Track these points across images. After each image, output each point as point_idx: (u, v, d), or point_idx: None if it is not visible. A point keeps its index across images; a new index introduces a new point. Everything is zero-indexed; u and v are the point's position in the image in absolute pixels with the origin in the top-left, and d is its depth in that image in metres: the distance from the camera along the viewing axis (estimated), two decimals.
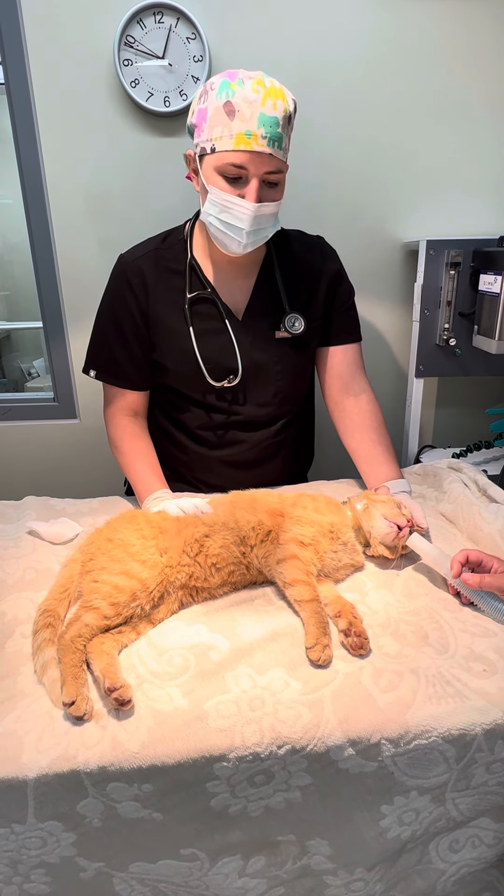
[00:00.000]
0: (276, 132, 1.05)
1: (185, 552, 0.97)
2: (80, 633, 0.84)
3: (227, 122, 1.03)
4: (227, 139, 1.04)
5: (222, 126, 1.04)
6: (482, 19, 1.55)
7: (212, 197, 1.10)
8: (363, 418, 1.32)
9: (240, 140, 1.03)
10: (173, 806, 0.76)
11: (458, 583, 0.94)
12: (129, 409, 1.33)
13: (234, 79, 1.04)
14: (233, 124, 1.03)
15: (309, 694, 0.80)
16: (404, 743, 0.77)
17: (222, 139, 1.04)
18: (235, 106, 1.02)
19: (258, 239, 1.15)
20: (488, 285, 1.48)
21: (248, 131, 1.03)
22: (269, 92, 1.03)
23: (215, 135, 1.05)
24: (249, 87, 1.02)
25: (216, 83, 1.05)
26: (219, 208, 1.10)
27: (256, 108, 1.02)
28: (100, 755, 0.73)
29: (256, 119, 1.02)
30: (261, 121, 1.03)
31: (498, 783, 0.81)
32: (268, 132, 1.04)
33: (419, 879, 0.88)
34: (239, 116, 1.02)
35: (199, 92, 1.08)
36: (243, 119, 1.02)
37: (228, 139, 1.04)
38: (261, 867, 0.83)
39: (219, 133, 1.04)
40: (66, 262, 1.70)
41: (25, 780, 0.72)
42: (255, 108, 1.02)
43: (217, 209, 1.10)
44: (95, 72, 1.53)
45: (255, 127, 1.03)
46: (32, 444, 1.91)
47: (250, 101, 1.02)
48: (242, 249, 1.15)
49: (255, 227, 1.11)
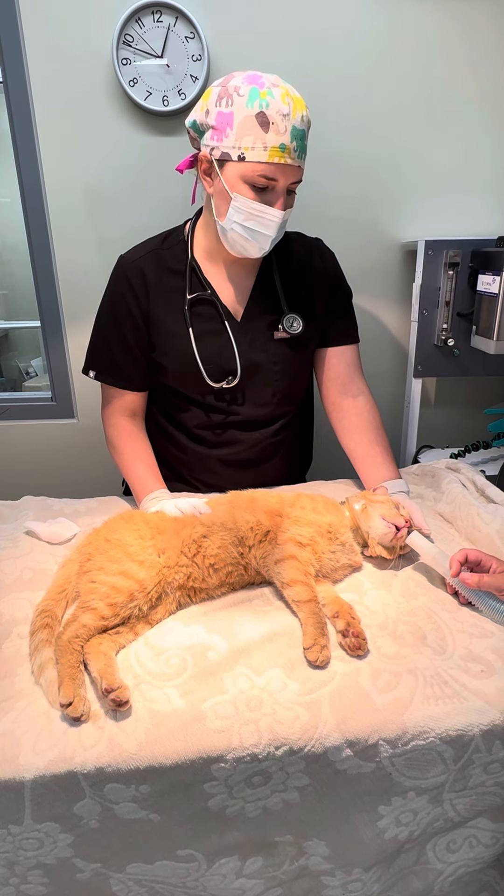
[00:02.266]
0: (303, 144, 1.08)
1: (184, 553, 0.97)
2: (78, 633, 0.84)
3: (260, 134, 1.03)
4: (261, 151, 1.04)
5: (254, 136, 1.03)
6: (481, 19, 1.55)
7: (237, 205, 1.10)
8: (361, 419, 1.32)
9: (274, 153, 1.04)
10: (171, 807, 0.76)
11: (457, 582, 0.94)
12: (128, 409, 1.33)
13: (263, 87, 1.02)
14: (267, 137, 1.03)
15: (307, 695, 0.80)
16: (402, 744, 0.77)
17: (254, 150, 1.04)
18: (270, 118, 1.02)
19: (275, 243, 1.17)
20: (487, 285, 1.48)
21: (283, 145, 1.04)
22: (296, 104, 1.05)
23: (246, 144, 1.04)
24: (279, 98, 1.02)
25: (243, 90, 1.02)
26: (244, 216, 1.11)
27: (289, 122, 1.03)
28: (97, 756, 0.73)
29: (290, 133, 1.04)
30: (293, 134, 1.04)
31: (495, 784, 0.81)
32: (298, 145, 1.06)
33: (417, 880, 0.88)
34: (273, 129, 1.03)
35: (218, 93, 1.05)
36: (278, 133, 1.03)
37: (262, 151, 1.04)
38: (258, 868, 0.83)
39: (250, 143, 1.04)
40: (64, 262, 1.69)
41: (22, 781, 0.72)
42: (288, 122, 1.03)
43: (243, 216, 1.11)
44: (94, 71, 1.53)
45: (289, 141, 1.04)
46: (30, 443, 1.90)
47: (284, 114, 1.02)
48: (261, 254, 1.17)
49: (278, 234, 1.14)
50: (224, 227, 1.14)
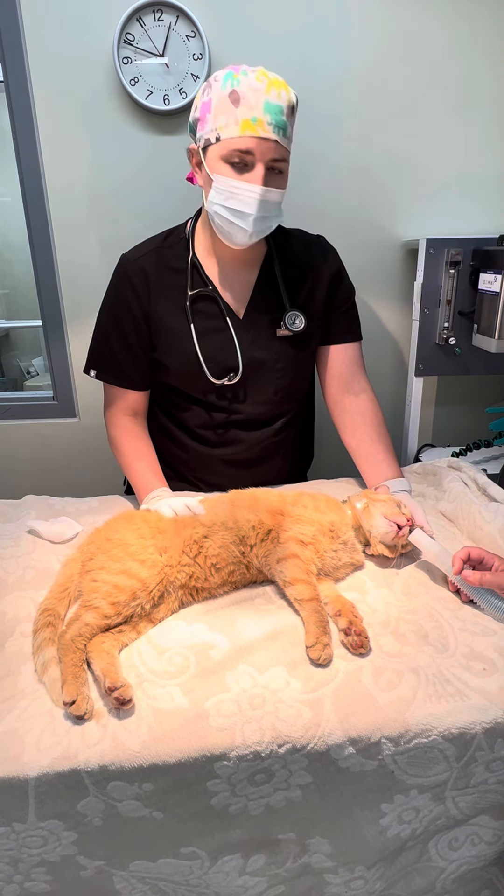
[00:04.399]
0: (281, 119, 1.05)
1: (185, 552, 0.97)
2: (81, 632, 0.85)
3: (232, 110, 1.04)
4: (233, 126, 1.04)
5: (227, 114, 1.04)
6: (482, 19, 1.55)
7: (217, 185, 1.10)
8: (363, 417, 1.32)
9: (245, 126, 1.04)
10: (174, 805, 0.76)
11: (459, 580, 0.95)
12: (130, 408, 1.33)
13: (238, 70, 1.05)
14: (238, 111, 1.03)
15: (309, 693, 0.80)
16: (404, 742, 0.77)
17: (227, 127, 1.05)
18: (241, 94, 1.03)
19: (263, 228, 1.14)
20: (488, 284, 1.48)
21: (254, 117, 1.03)
22: (273, 82, 1.04)
23: (220, 123, 1.05)
24: (253, 77, 1.04)
25: (220, 75, 1.06)
26: (225, 195, 1.10)
27: (262, 96, 1.03)
28: (100, 754, 0.73)
29: (262, 106, 1.03)
30: (266, 108, 1.03)
31: (498, 781, 0.81)
32: (273, 119, 1.04)
33: (419, 877, 0.89)
34: (244, 103, 1.03)
35: (202, 87, 1.09)
36: (249, 106, 1.03)
37: (234, 126, 1.04)
38: (261, 865, 0.84)
39: (224, 121, 1.05)
40: (66, 261, 1.69)
41: (26, 779, 0.72)
42: (260, 96, 1.03)
43: (223, 196, 1.10)
44: (95, 70, 1.53)
45: (261, 113, 1.03)
46: (32, 443, 1.91)
47: (255, 88, 1.03)
48: (248, 239, 1.14)
49: (261, 214, 1.11)
50: (209, 211, 1.14)
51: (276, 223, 1.17)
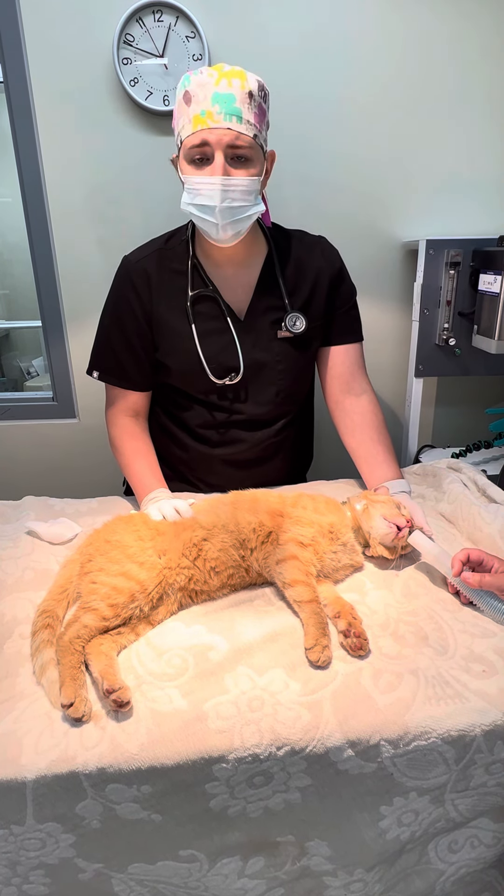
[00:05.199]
0: (233, 107, 1.04)
1: (184, 555, 0.97)
2: (79, 634, 0.84)
3: (185, 111, 1.06)
4: (188, 125, 1.06)
5: (183, 116, 1.06)
6: (484, 19, 1.55)
7: (186, 186, 1.12)
8: (364, 418, 1.32)
9: (197, 121, 1.05)
10: (172, 807, 0.76)
11: (459, 581, 0.94)
12: (131, 409, 1.33)
13: (193, 71, 1.06)
14: (190, 109, 1.05)
15: (308, 695, 0.80)
16: (404, 744, 0.77)
17: (184, 127, 1.07)
18: (191, 93, 1.04)
19: (237, 219, 1.11)
20: (488, 285, 1.48)
21: (203, 111, 1.04)
22: (226, 74, 1.04)
23: (179, 126, 1.08)
24: (206, 73, 1.05)
25: (180, 82, 1.07)
26: (193, 194, 1.11)
27: (210, 89, 1.03)
28: (99, 756, 0.73)
29: (210, 98, 1.04)
30: (214, 99, 1.04)
31: (497, 784, 0.81)
32: (223, 108, 1.04)
33: (418, 880, 0.88)
34: (194, 101, 1.04)
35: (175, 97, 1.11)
36: (198, 102, 1.04)
37: (188, 125, 1.06)
38: (260, 868, 0.83)
39: (182, 123, 1.07)
40: (66, 261, 1.69)
41: (24, 782, 0.72)
42: (208, 90, 1.03)
43: (191, 196, 1.11)
44: (94, 70, 1.53)
45: (210, 105, 1.04)
46: (31, 443, 1.90)
47: (203, 83, 1.04)
48: (222, 232, 1.12)
49: (227, 204, 1.09)
50: (185, 212, 1.15)
51: (252, 212, 1.12)
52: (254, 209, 1.13)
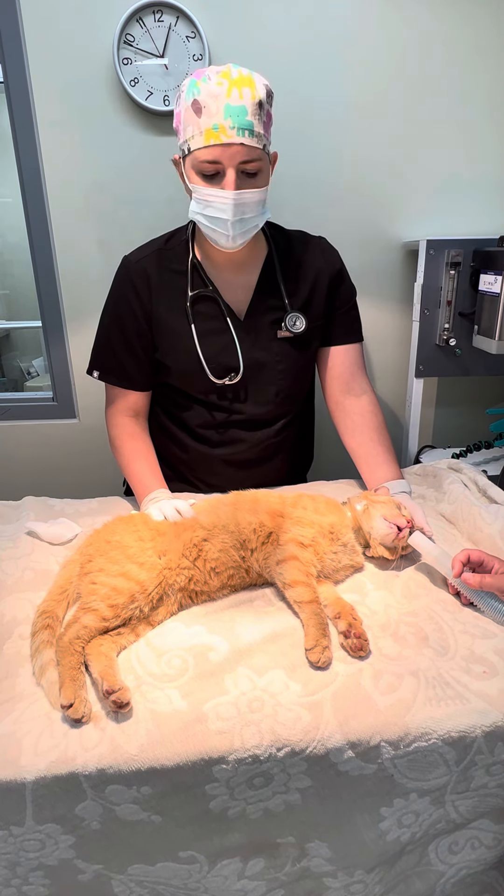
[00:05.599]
0: (245, 120, 1.04)
1: (185, 556, 0.96)
2: (79, 634, 0.84)
3: (195, 121, 1.04)
4: (198, 137, 1.05)
5: (193, 125, 1.05)
6: (483, 19, 1.54)
7: (195, 196, 1.12)
8: (364, 419, 1.32)
9: (209, 135, 1.04)
10: (172, 808, 0.76)
11: (459, 582, 0.94)
12: (131, 409, 1.33)
13: (201, 76, 1.04)
14: (201, 121, 1.04)
15: (308, 696, 0.80)
16: (404, 745, 0.76)
17: (194, 138, 1.06)
18: (202, 103, 1.03)
19: (247, 230, 1.14)
20: (488, 285, 1.48)
21: (216, 125, 1.03)
22: (235, 82, 1.03)
23: (188, 135, 1.06)
24: (215, 81, 1.03)
25: (185, 84, 1.06)
26: (202, 205, 1.11)
27: (222, 101, 1.02)
28: (98, 757, 0.73)
29: (222, 111, 1.03)
30: (227, 112, 1.03)
31: (498, 785, 0.81)
32: (235, 122, 1.03)
33: (419, 881, 0.88)
34: (206, 113, 1.03)
35: (176, 96, 1.10)
36: (209, 114, 1.03)
37: (199, 137, 1.05)
38: (260, 869, 0.83)
39: (191, 132, 1.06)
40: (66, 261, 1.69)
41: (24, 783, 0.72)
42: (220, 102, 1.02)
43: (201, 206, 1.12)
44: (95, 70, 1.53)
45: (222, 119, 1.03)
46: (31, 443, 1.90)
47: (215, 94, 1.02)
48: (232, 242, 1.14)
49: (238, 217, 1.10)
50: (193, 220, 1.15)
51: (261, 221, 1.16)
52: (262, 218, 1.16)
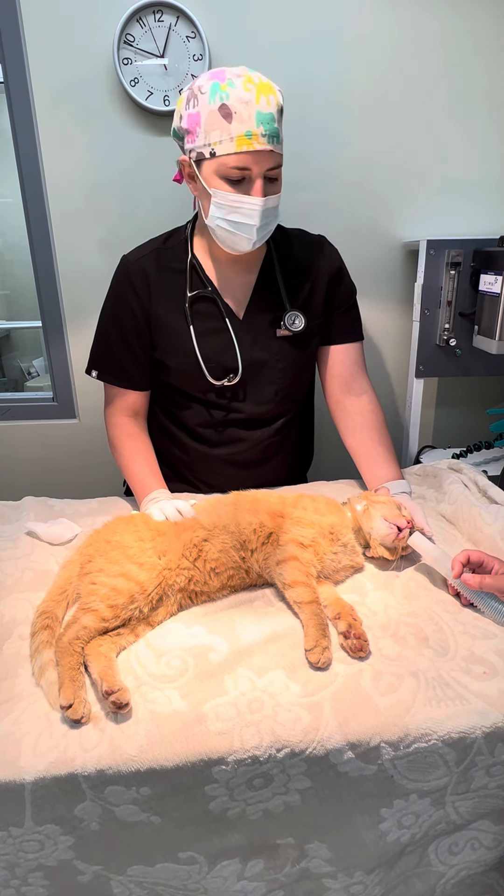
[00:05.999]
0: (274, 128, 1.05)
1: (185, 556, 0.96)
2: (78, 635, 0.84)
3: (224, 126, 1.03)
4: (228, 142, 1.04)
5: (220, 130, 1.03)
6: (483, 19, 1.54)
7: (217, 200, 1.10)
8: (364, 418, 1.32)
9: (241, 142, 1.03)
10: (172, 809, 0.76)
11: (459, 583, 0.94)
12: (130, 409, 1.33)
13: (224, 79, 1.03)
14: (232, 127, 1.02)
15: (308, 696, 0.79)
16: (404, 746, 0.76)
17: (222, 143, 1.04)
18: (232, 108, 1.02)
19: (265, 234, 1.16)
20: (489, 285, 1.47)
21: (249, 132, 1.03)
22: (261, 88, 1.03)
23: (213, 139, 1.04)
24: (241, 86, 1.02)
25: (205, 86, 1.03)
26: (226, 210, 1.10)
27: (252, 108, 1.02)
28: (98, 758, 0.73)
29: (254, 118, 1.02)
30: (258, 119, 1.03)
31: (498, 786, 0.81)
32: (266, 129, 1.04)
33: (418, 882, 0.88)
34: (237, 118, 1.02)
35: (186, 96, 1.07)
36: (241, 120, 1.02)
37: (229, 142, 1.03)
38: (259, 870, 0.83)
39: (217, 137, 1.04)
40: (66, 262, 1.69)
41: (23, 783, 0.71)
42: (251, 108, 1.02)
43: (224, 211, 1.11)
44: (95, 70, 1.53)
45: (255, 126, 1.02)
46: (31, 444, 1.90)
47: (245, 100, 1.02)
48: (252, 246, 1.15)
49: (264, 222, 1.12)
50: (210, 225, 1.14)
51: (274, 225, 1.18)
52: (276, 221, 1.18)
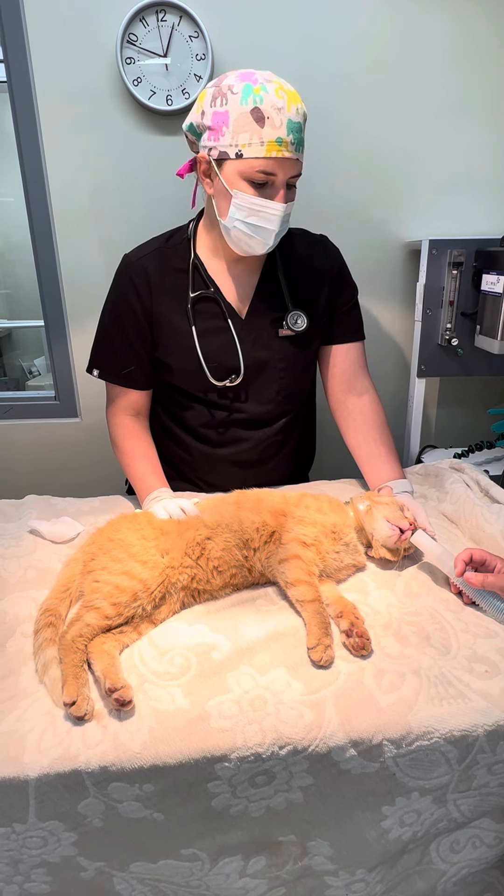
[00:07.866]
0: (300, 136, 1.08)
1: (187, 554, 0.97)
2: (82, 632, 0.84)
3: (256, 129, 1.03)
4: (258, 146, 1.04)
5: (251, 133, 1.04)
6: (485, 19, 1.54)
7: (238, 202, 1.10)
8: (366, 418, 1.32)
9: (271, 148, 1.04)
10: (174, 806, 0.76)
11: (461, 581, 0.94)
12: (132, 408, 1.33)
13: (256, 83, 1.03)
14: (263, 132, 1.03)
15: (311, 694, 0.80)
16: (406, 744, 0.76)
17: (251, 146, 1.04)
18: (265, 113, 1.02)
19: (279, 239, 1.17)
20: (490, 285, 1.47)
21: (280, 139, 1.04)
22: (290, 97, 1.05)
23: (242, 141, 1.04)
24: (273, 92, 1.03)
25: (236, 87, 1.03)
26: (246, 212, 1.11)
27: (284, 115, 1.03)
28: (101, 755, 0.73)
29: (286, 126, 1.04)
30: (289, 127, 1.04)
31: (499, 784, 0.81)
32: (295, 137, 1.06)
33: (420, 880, 0.88)
34: (269, 124, 1.03)
35: (212, 94, 1.06)
36: (274, 127, 1.03)
37: (259, 146, 1.04)
38: (261, 867, 0.83)
39: (247, 139, 1.04)
40: (68, 261, 1.69)
41: (27, 780, 0.72)
42: (283, 116, 1.03)
43: (244, 213, 1.11)
44: (98, 70, 1.53)
45: (285, 134, 1.04)
46: (34, 442, 1.91)
47: (279, 108, 1.03)
48: (265, 250, 1.17)
49: (281, 228, 1.14)
50: (227, 225, 1.14)
51: (286, 230, 1.20)
52: (287, 226, 1.19)
